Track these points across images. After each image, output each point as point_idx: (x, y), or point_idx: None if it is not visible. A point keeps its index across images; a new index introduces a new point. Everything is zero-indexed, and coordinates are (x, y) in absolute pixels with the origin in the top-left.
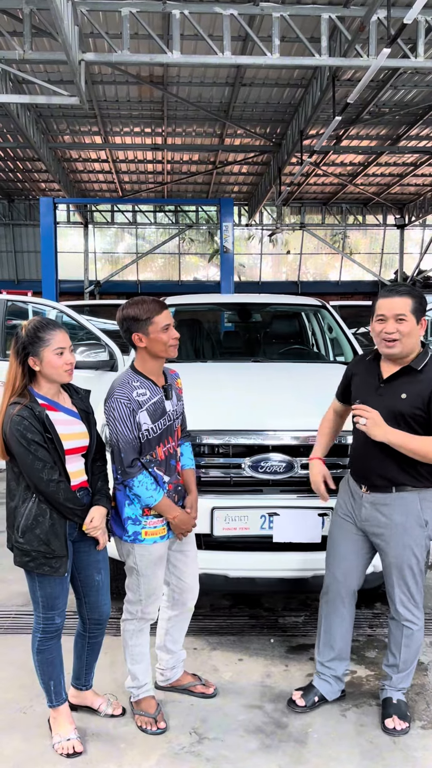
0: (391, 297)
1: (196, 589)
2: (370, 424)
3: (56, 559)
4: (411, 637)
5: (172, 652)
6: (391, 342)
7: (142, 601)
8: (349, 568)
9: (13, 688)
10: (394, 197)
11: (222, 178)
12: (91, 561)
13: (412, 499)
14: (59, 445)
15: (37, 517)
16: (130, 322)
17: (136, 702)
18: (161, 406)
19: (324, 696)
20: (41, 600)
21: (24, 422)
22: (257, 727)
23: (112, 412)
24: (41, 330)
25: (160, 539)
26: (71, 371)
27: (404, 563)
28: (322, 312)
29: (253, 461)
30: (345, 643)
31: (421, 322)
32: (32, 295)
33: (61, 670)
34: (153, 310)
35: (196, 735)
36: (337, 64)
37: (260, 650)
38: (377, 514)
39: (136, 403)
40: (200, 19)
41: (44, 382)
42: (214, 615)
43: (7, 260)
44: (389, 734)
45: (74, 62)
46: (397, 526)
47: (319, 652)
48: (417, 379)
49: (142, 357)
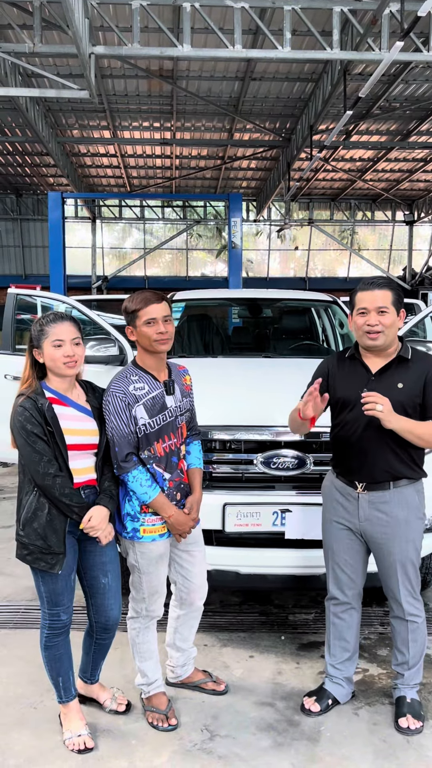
0: (371, 290)
1: (204, 588)
2: (386, 410)
3: (52, 555)
4: (416, 631)
5: (182, 650)
6: (374, 334)
7: (145, 600)
8: (353, 575)
9: (23, 683)
10: (404, 193)
11: (230, 173)
12: (96, 562)
13: (410, 492)
14: (60, 440)
15: (36, 510)
16: (125, 315)
17: (147, 699)
18: (161, 401)
19: (337, 699)
20: (45, 596)
21: (25, 413)
22: (269, 724)
23: (108, 406)
24: (45, 323)
25: (159, 537)
26: (72, 364)
27: (407, 559)
28: (332, 307)
29: (265, 457)
30: (356, 642)
31: (401, 314)
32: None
33: (69, 666)
34: (140, 303)
35: (208, 732)
36: (348, 58)
37: (271, 647)
38: (377, 513)
39: (133, 397)
40: (211, 12)
41: (52, 375)
42: (224, 611)
43: (14, 255)
44: (403, 733)
45: (84, 55)
46: (399, 523)
47: (331, 654)
48: (409, 367)
49: (139, 351)
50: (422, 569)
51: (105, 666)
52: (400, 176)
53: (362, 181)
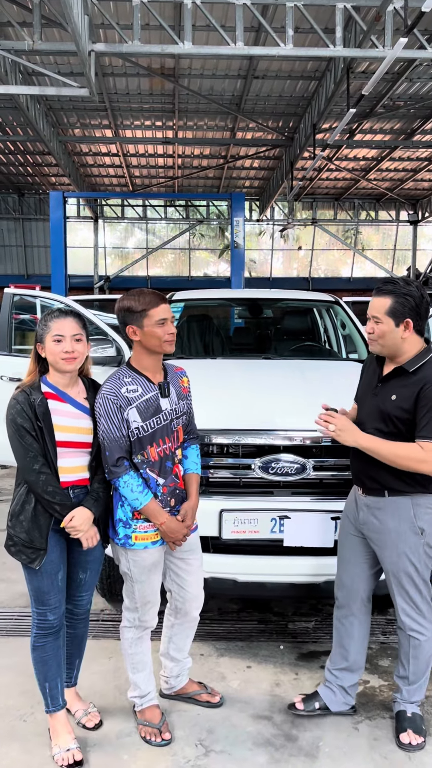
0: (374, 296)
1: (200, 598)
2: (336, 431)
3: (33, 550)
4: (418, 648)
5: (176, 660)
6: (371, 341)
7: (138, 609)
8: (356, 574)
9: (14, 694)
10: (408, 193)
11: (233, 172)
12: (80, 560)
13: (405, 505)
14: (50, 435)
15: (24, 503)
16: (126, 314)
17: (140, 712)
18: (155, 404)
19: (327, 705)
20: (32, 594)
21: (17, 406)
22: (266, 739)
23: (99, 409)
24: (49, 318)
25: (152, 545)
26: (71, 360)
27: (401, 571)
28: (334, 308)
29: (264, 462)
30: (358, 654)
31: (405, 323)
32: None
33: (57, 673)
34: (149, 302)
35: (203, 747)
36: (351, 55)
37: (269, 657)
38: (372, 518)
39: (125, 400)
40: (212, 9)
41: (52, 370)
42: (222, 619)
43: (17, 255)
44: (404, 749)
45: (84, 53)
46: (390, 532)
47: (331, 659)
48: (409, 380)
49: (137, 352)
50: None
51: (98, 676)
52: (404, 175)
53: (366, 180)
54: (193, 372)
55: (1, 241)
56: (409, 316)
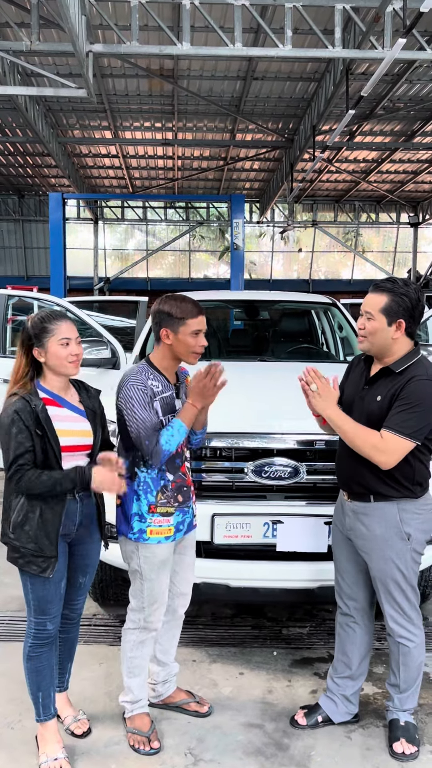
0: (370, 292)
1: (187, 597)
2: (317, 392)
3: (44, 559)
4: (408, 656)
5: (163, 664)
6: (360, 338)
7: (144, 609)
8: (354, 582)
9: (2, 701)
10: (408, 195)
11: (233, 174)
12: (80, 564)
13: (391, 511)
14: (54, 441)
15: (27, 513)
16: (163, 316)
17: (130, 719)
18: (171, 403)
19: (329, 717)
20: (33, 603)
21: (15, 415)
22: (257, 748)
23: (130, 400)
24: (47, 320)
25: (165, 540)
26: (77, 363)
27: (388, 577)
28: (332, 310)
29: (257, 466)
30: (361, 662)
31: (397, 324)
32: (38, 291)
33: (51, 683)
34: (189, 312)
35: (192, 756)
36: (351, 56)
37: (262, 663)
38: (358, 524)
39: (151, 391)
40: (211, 10)
41: (51, 375)
42: (215, 625)
43: (16, 256)
44: (397, 759)
45: (81, 53)
46: (377, 538)
47: (333, 667)
48: (394, 381)
49: (162, 353)
50: (420, 582)
51: (88, 682)
52: (405, 177)
53: (366, 182)
54: (190, 373)
55: (1, 243)
56: (403, 317)
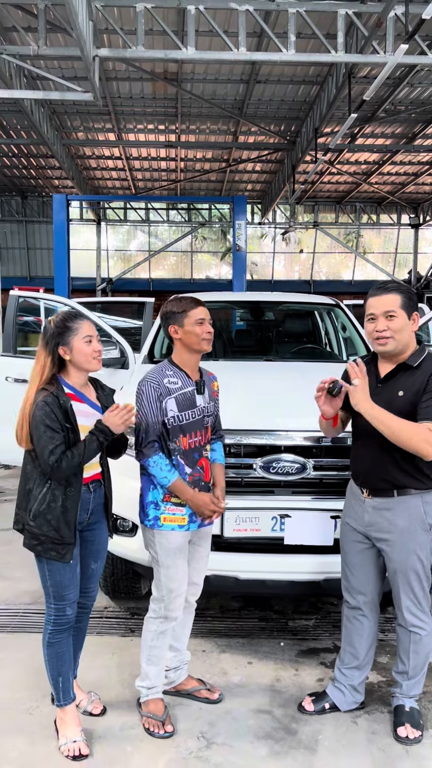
0: (379, 295)
1: (198, 587)
2: (358, 388)
3: (63, 545)
4: (419, 643)
5: (176, 650)
6: (383, 340)
7: (164, 598)
8: (366, 579)
9: (20, 688)
10: (409, 196)
11: (235, 175)
12: (92, 550)
13: (415, 503)
14: (77, 435)
15: (50, 503)
16: (168, 315)
17: (144, 703)
18: (191, 398)
19: (336, 705)
20: (51, 589)
21: (46, 408)
22: (267, 732)
23: (140, 395)
24: (69, 320)
25: (179, 527)
26: (99, 358)
27: (409, 569)
28: (335, 311)
29: (265, 462)
30: (368, 652)
31: (413, 317)
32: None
33: (70, 667)
34: (188, 305)
35: (204, 740)
36: (353, 61)
37: (270, 653)
38: (380, 519)
39: (165, 389)
40: (215, 15)
41: (74, 371)
42: (224, 617)
43: (20, 257)
44: (401, 743)
45: (88, 58)
46: (402, 532)
47: (340, 658)
48: (414, 375)
49: (178, 349)
50: None
51: (102, 671)
52: (406, 179)
53: (367, 184)
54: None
55: (5, 244)
56: (416, 310)
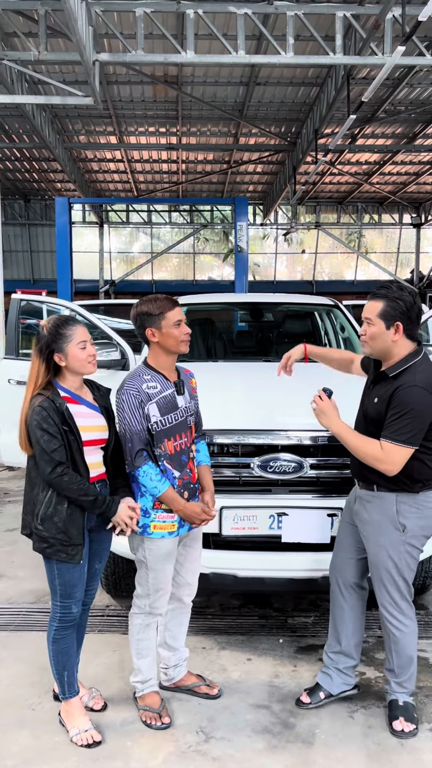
0: (368, 300)
1: (193, 587)
2: (317, 411)
3: (73, 546)
4: (398, 644)
5: (173, 649)
6: (363, 343)
7: (150, 596)
8: (345, 559)
9: (23, 685)
10: (411, 196)
11: (237, 177)
12: (97, 549)
13: (390, 500)
14: (78, 436)
15: (56, 505)
16: (144, 318)
17: (141, 697)
18: (172, 401)
19: (329, 692)
20: (59, 588)
21: (43, 413)
22: (264, 727)
23: (122, 404)
24: (62, 327)
25: (168, 534)
26: (95, 362)
27: (380, 565)
28: (334, 311)
29: (263, 461)
30: (350, 639)
31: (394, 327)
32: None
33: (74, 662)
34: (165, 306)
35: (203, 734)
36: (351, 63)
37: (269, 650)
38: (362, 510)
39: (146, 395)
40: (214, 19)
41: (69, 375)
42: (224, 614)
43: (23, 260)
44: (397, 736)
45: (88, 62)
46: (374, 524)
47: (328, 642)
48: (388, 385)
49: (154, 352)
50: (421, 573)
51: (103, 668)
52: (407, 179)
53: (369, 184)
54: (195, 374)
55: (8, 247)
56: (400, 320)
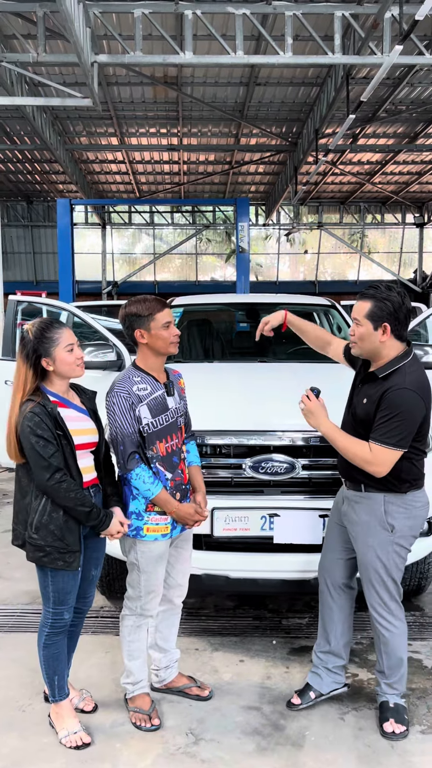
0: (357, 300)
1: (183, 588)
2: (305, 411)
3: (70, 553)
4: (387, 644)
5: (164, 651)
6: (352, 343)
7: (141, 598)
8: (333, 559)
9: (14, 686)
10: (413, 196)
11: (239, 177)
12: (92, 556)
13: (378, 500)
14: (70, 440)
15: (51, 513)
16: (133, 319)
17: (131, 699)
18: (163, 402)
19: (319, 691)
20: (53, 595)
21: (35, 418)
22: (254, 729)
23: (112, 406)
24: (48, 330)
25: (161, 537)
26: (83, 365)
27: (369, 565)
28: (331, 312)
29: (254, 462)
30: (339, 639)
31: (382, 328)
32: (46, 296)
33: (65, 665)
34: (154, 308)
35: (193, 736)
36: (350, 62)
37: (262, 652)
38: (350, 510)
39: (136, 397)
40: (213, 19)
41: (57, 379)
42: (218, 616)
43: (26, 261)
44: (387, 738)
45: (86, 64)
46: (362, 525)
47: (317, 642)
48: (377, 386)
49: (143, 353)
50: (416, 574)
51: (95, 669)
52: (409, 179)
53: (371, 184)
54: (189, 375)
55: (11, 248)
56: (387, 321)
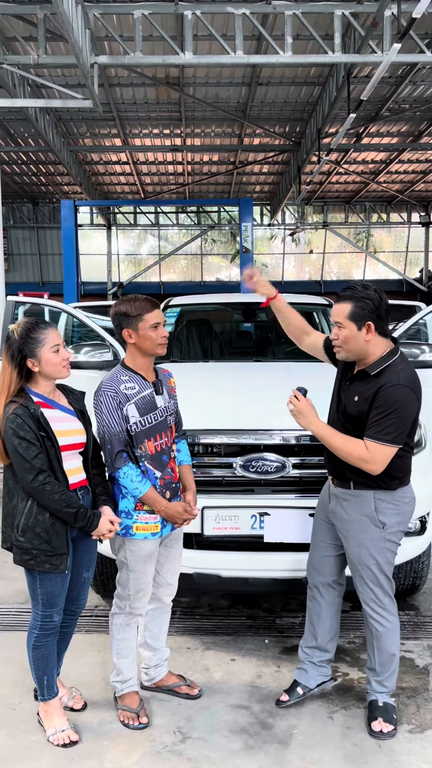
0: (335, 303)
1: (173, 587)
2: (294, 412)
3: (57, 556)
4: (380, 640)
5: (153, 649)
6: (336, 348)
7: (131, 596)
8: (321, 557)
9: (6, 684)
10: (419, 194)
11: (243, 177)
12: (84, 559)
13: (368, 498)
14: (55, 441)
15: (37, 515)
16: (122, 318)
17: (120, 697)
18: (151, 401)
19: (307, 686)
20: (41, 597)
21: (17, 420)
22: (242, 727)
23: (100, 405)
24: (33, 330)
25: (151, 536)
26: (68, 366)
27: (362, 563)
28: (328, 311)
29: (245, 461)
30: (326, 635)
31: (366, 326)
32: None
33: (54, 665)
34: (143, 308)
35: (180, 734)
36: (349, 61)
37: (254, 651)
38: (339, 508)
39: (124, 396)
40: (213, 20)
41: (42, 380)
42: (211, 615)
43: (31, 262)
44: (375, 737)
45: (85, 65)
46: (353, 523)
47: (304, 637)
48: (369, 383)
49: (131, 353)
50: (410, 573)
51: (86, 668)
52: (415, 177)
53: (376, 183)
54: (182, 374)
55: (17, 250)
56: (370, 319)
